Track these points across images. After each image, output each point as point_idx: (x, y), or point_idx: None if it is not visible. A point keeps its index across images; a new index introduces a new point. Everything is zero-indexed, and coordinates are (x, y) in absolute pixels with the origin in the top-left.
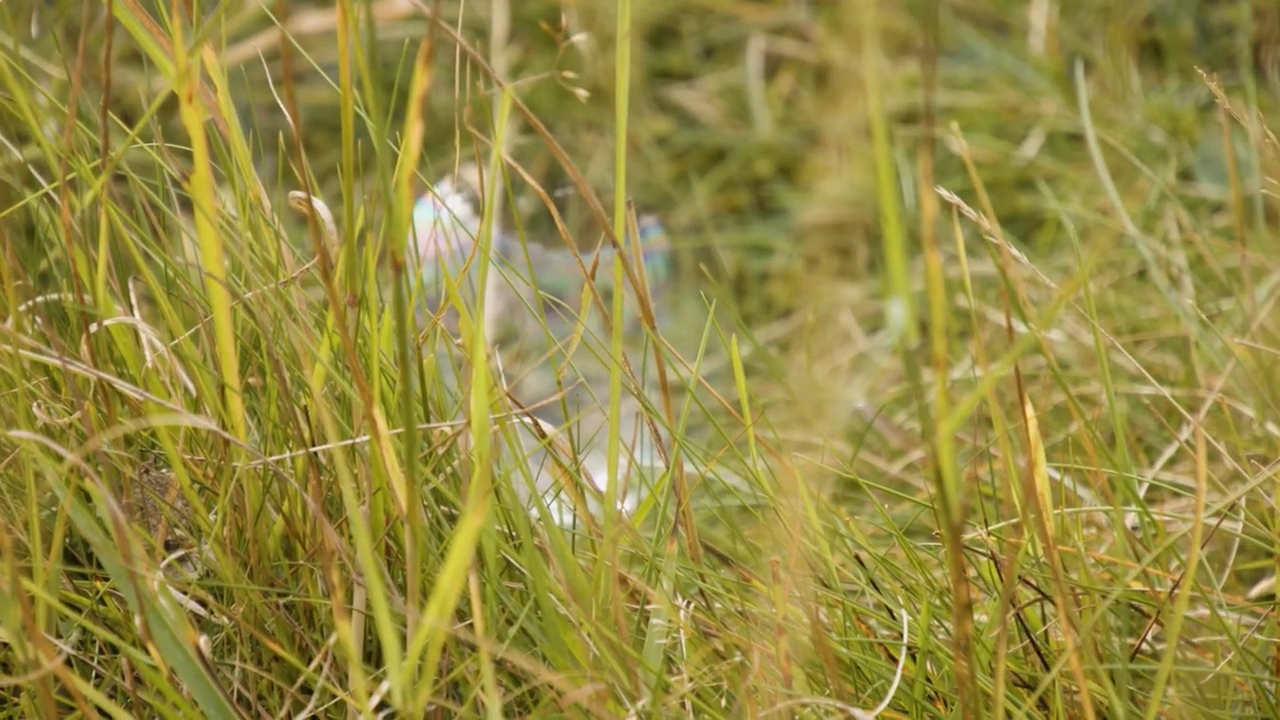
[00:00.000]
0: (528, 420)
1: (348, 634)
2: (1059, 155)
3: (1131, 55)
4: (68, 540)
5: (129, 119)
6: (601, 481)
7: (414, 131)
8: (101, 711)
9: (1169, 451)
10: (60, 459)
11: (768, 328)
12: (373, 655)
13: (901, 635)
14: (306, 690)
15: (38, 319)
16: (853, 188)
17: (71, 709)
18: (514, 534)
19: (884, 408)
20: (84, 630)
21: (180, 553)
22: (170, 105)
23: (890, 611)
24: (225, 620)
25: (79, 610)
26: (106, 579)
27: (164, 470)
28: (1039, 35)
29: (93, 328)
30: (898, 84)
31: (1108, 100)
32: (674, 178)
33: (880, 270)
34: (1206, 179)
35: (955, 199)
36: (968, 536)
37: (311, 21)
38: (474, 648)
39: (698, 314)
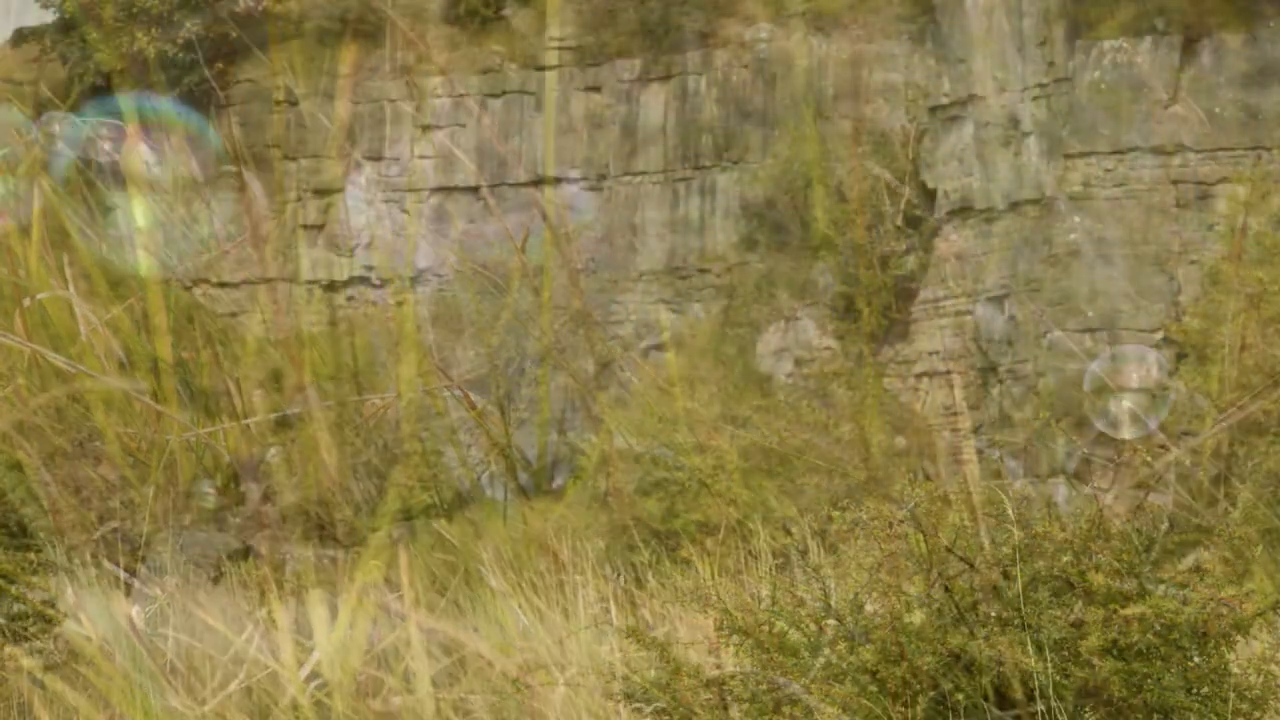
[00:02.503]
0: (459, 394)
1: (276, 605)
2: None
3: (1065, 32)
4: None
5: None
6: (532, 454)
7: (341, 106)
8: (35, 680)
9: (1101, 426)
10: None
11: (706, 303)
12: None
13: (830, 605)
14: (241, 660)
15: None
16: (790, 165)
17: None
18: (445, 506)
19: (820, 380)
20: (17, 600)
21: (113, 524)
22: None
23: (820, 583)
24: (158, 591)
25: (11, 581)
26: (40, 550)
27: (98, 443)
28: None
29: (26, 302)
30: (831, 64)
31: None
32: (613, 155)
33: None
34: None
35: (885, 173)
36: (901, 512)
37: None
38: (404, 618)
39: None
